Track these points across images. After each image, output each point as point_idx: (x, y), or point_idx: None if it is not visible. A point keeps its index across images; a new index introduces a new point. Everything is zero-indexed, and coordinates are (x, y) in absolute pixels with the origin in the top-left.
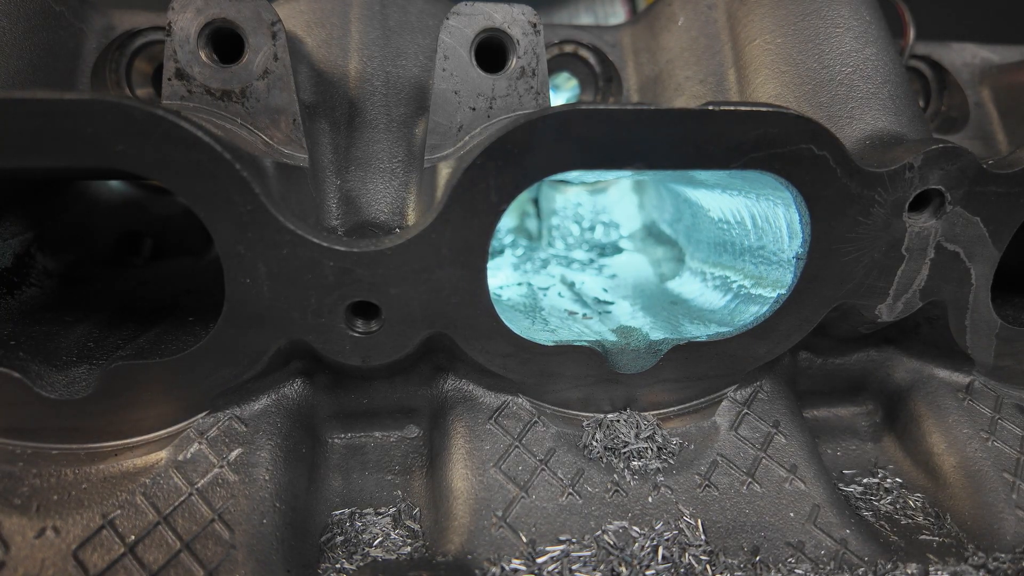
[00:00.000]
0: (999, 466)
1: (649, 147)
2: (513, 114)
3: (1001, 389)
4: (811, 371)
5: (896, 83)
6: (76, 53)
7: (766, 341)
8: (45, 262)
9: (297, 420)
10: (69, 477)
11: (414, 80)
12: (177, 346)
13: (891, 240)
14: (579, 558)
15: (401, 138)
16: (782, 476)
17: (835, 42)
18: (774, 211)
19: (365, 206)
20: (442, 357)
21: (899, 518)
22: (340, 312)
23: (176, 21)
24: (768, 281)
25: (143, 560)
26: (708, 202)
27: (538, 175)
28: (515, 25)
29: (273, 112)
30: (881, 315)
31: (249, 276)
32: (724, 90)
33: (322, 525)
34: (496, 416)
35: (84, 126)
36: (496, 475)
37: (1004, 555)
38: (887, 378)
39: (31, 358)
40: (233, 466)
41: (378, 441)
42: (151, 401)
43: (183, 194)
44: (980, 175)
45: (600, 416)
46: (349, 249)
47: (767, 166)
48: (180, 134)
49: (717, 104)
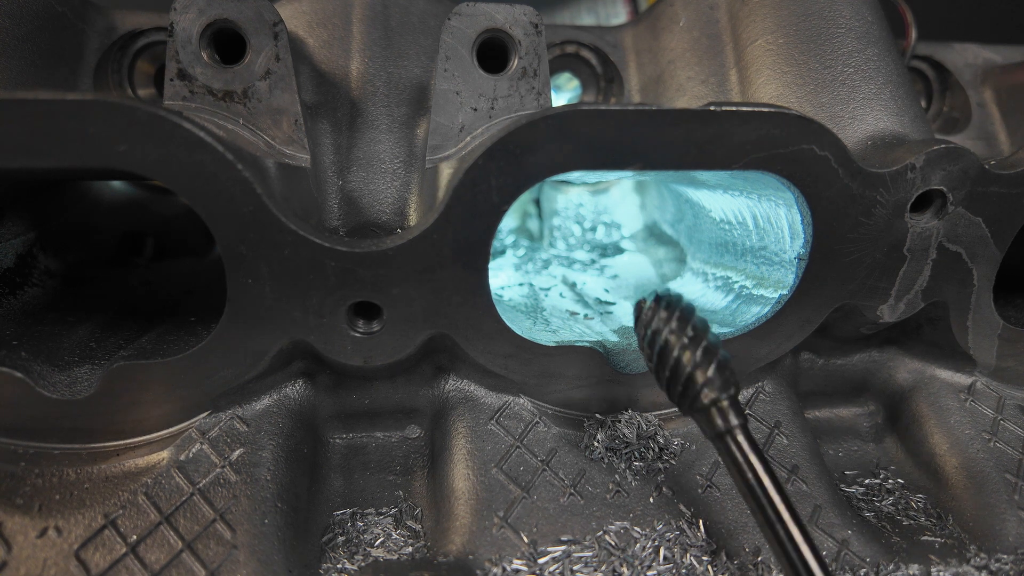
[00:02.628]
0: (1001, 467)
1: (651, 147)
2: (515, 115)
3: (1003, 390)
4: (813, 372)
5: (898, 83)
6: (78, 54)
7: (768, 342)
8: (47, 262)
9: (299, 420)
10: (71, 477)
11: (416, 80)
12: (179, 346)
13: (893, 241)
14: (580, 558)
15: (403, 138)
16: (784, 477)
17: (837, 42)
18: (776, 211)
19: (367, 206)
20: (443, 357)
21: (901, 519)
22: (342, 312)
23: (178, 22)
24: (770, 282)
25: (145, 560)
26: (710, 202)
27: (540, 175)
28: (517, 25)
29: (275, 112)
30: (883, 316)
31: (251, 276)
32: (726, 91)
33: (323, 525)
34: (497, 416)
35: (86, 127)
36: (497, 475)
37: (1006, 556)
38: (889, 379)
39: (33, 358)
40: (235, 466)
41: (379, 441)
42: (153, 401)
43: (185, 194)
44: (982, 176)
45: (601, 417)
46: (351, 249)
47: (769, 166)
48: (182, 135)
49: (719, 104)
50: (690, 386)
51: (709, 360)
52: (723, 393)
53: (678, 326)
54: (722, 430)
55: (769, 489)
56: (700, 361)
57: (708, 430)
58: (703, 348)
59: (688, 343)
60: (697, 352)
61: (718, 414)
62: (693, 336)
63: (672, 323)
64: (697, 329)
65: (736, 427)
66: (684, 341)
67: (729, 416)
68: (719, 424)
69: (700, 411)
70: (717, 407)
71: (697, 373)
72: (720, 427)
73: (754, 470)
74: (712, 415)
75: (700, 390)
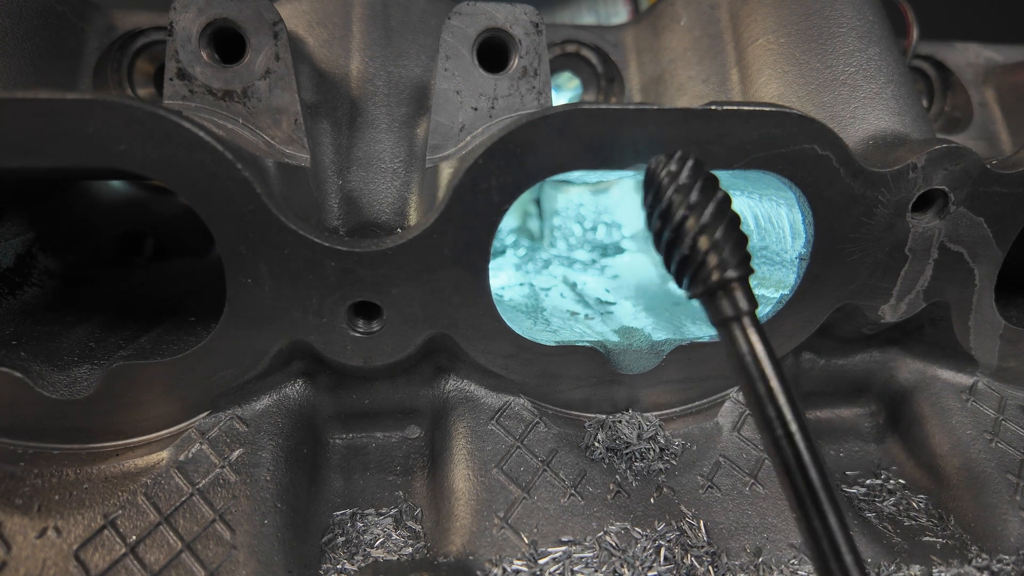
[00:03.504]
0: (1003, 468)
1: (652, 147)
2: (515, 114)
3: (1005, 390)
4: (814, 372)
5: (899, 83)
6: (78, 53)
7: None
8: (47, 262)
9: (298, 420)
10: (70, 477)
11: (416, 80)
12: (179, 346)
13: (894, 241)
14: (581, 559)
15: (403, 138)
16: None
17: (838, 42)
18: (777, 211)
19: (367, 206)
20: (444, 357)
21: (902, 520)
22: (341, 312)
23: (178, 21)
24: (771, 281)
25: (144, 560)
26: None
27: (540, 175)
28: (517, 25)
29: (275, 112)
30: (884, 316)
31: (251, 276)
32: (727, 90)
33: (323, 526)
34: (498, 417)
35: (86, 126)
36: (498, 476)
37: (1008, 557)
38: (890, 379)
39: (33, 358)
40: (234, 466)
41: (379, 442)
42: (152, 401)
43: (185, 194)
44: (984, 175)
45: (602, 417)
46: (351, 249)
47: (770, 166)
48: (182, 134)
49: (720, 104)
50: (703, 265)
51: (729, 236)
52: (737, 272)
53: (700, 196)
54: (730, 315)
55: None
56: (720, 239)
57: (714, 314)
58: (727, 223)
59: (710, 219)
60: (718, 229)
61: (726, 297)
62: (717, 209)
63: (694, 193)
64: (721, 200)
65: (745, 312)
66: (706, 217)
67: (738, 299)
68: (726, 309)
69: (708, 292)
70: (726, 289)
71: (712, 252)
72: (728, 312)
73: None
74: (719, 298)
75: (712, 269)
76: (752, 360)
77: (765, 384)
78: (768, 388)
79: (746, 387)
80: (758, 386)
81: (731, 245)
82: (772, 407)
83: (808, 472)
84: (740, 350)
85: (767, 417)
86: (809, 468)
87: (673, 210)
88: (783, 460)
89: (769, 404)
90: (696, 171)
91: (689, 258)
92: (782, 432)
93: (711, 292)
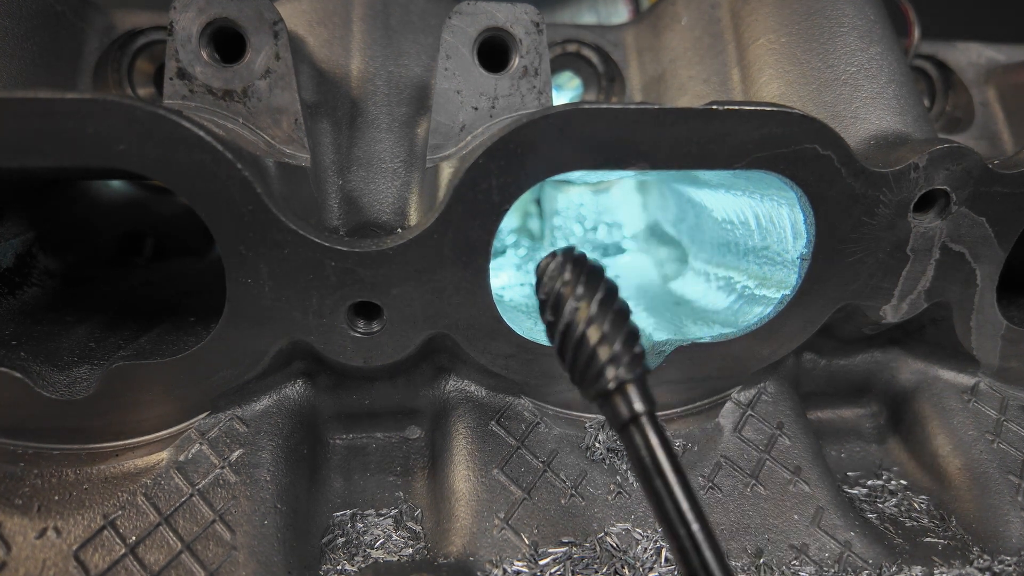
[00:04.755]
0: (1004, 468)
1: (653, 147)
2: (515, 114)
3: (1007, 391)
4: (815, 372)
5: (901, 83)
6: (78, 53)
7: (770, 342)
8: (47, 262)
9: (298, 421)
10: (70, 477)
11: (416, 79)
12: (178, 346)
13: (896, 241)
14: (582, 560)
15: (403, 138)
16: (786, 478)
17: (839, 41)
18: (778, 211)
19: (367, 206)
20: (444, 358)
21: (904, 520)
22: (342, 312)
23: (178, 20)
24: (772, 282)
25: (144, 561)
26: (712, 202)
27: (541, 175)
28: (518, 24)
29: (275, 112)
30: (886, 316)
31: (251, 276)
32: (728, 90)
33: (323, 526)
34: (498, 417)
35: (86, 126)
36: (498, 477)
37: (1009, 558)
38: (892, 379)
39: (32, 358)
40: (234, 467)
41: (380, 442)
42: (152, 401)
43: (185, 194)
44: (985, 175)
45: (603, 418)
46: (351, 249)
47: (771, 166)
48: (182, 134)
49: (721, 104)
50: (592, 364)
51: (617, 332)
52: (630, 373)
53: (585, 291)
54: (626, 419)
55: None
56: (608, 333)
57: (612, 419)
58: (612, 318)
59: (596, 313)
60: (605, 323)
61: (622, 400)
62: (602, 302)
63: (579, 287)
64: (607, 294)
65: (642, 414)
66: (592, 310)
67: (633, 401)
68: (623, 412)
69: (603, 395)
70: (621, 391)
71: (601, 349)
72: (624, 415)
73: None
74: (616, 401)
75: (604, 368)
76: (651, 461)
77: (665, 485)
78: (668, 489)
79: (647, 489)
80: (657, 485)
81: (623, 343)
82: (673, 508)
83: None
84: (638, 453)
85: (669, 519)
86: (712, 568)
87: (573, 319)
88: (686, 561)
89: (670, 505)
90: (588, 275)
91: (586, 361)
92: (683, 532)
93: (606, 394)
